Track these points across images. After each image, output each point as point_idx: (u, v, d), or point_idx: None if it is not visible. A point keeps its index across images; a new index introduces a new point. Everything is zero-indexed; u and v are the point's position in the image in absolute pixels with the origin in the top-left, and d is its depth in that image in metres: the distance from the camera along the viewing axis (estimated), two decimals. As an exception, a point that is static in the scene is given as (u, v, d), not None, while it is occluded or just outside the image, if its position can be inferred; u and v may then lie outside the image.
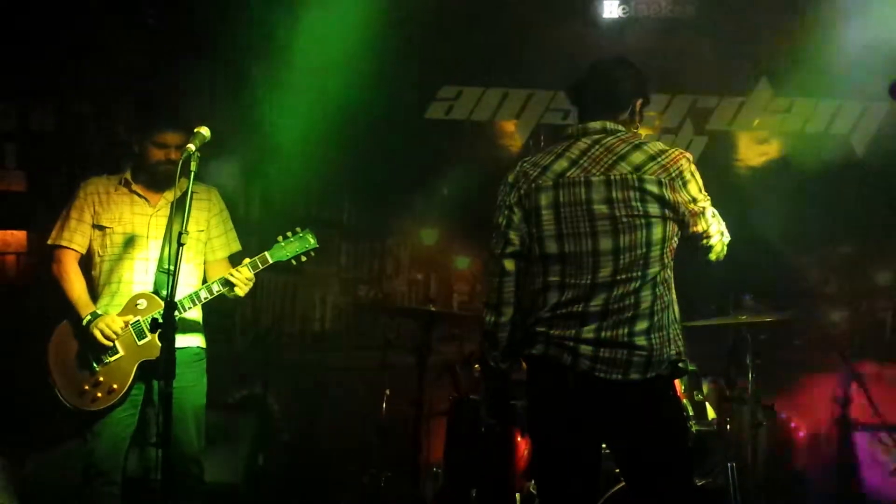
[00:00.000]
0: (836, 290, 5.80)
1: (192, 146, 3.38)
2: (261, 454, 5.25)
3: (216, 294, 3.84)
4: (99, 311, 3.80)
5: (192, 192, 3.34)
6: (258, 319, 6.01)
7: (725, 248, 3.09)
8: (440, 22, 5.67)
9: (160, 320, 3.33)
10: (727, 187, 5.28)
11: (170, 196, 3.95)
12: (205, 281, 3.99)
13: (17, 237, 5.77)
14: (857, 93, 5.67)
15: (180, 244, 3.23)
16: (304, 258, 3.93)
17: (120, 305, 3.84)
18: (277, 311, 6.04)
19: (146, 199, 3.96)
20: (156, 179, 3.94)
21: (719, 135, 5.89)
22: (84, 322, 3.77)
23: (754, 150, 5.87)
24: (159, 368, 3.21)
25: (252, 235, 5.77)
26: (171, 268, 3.31)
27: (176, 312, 3.36)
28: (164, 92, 5.53)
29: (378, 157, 5.73)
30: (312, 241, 3.93)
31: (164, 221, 3.93)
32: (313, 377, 5.68)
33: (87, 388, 3.76)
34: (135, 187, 3.96)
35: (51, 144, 5.78)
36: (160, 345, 3.61)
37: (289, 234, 3.92)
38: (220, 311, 4.31)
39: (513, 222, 3.06)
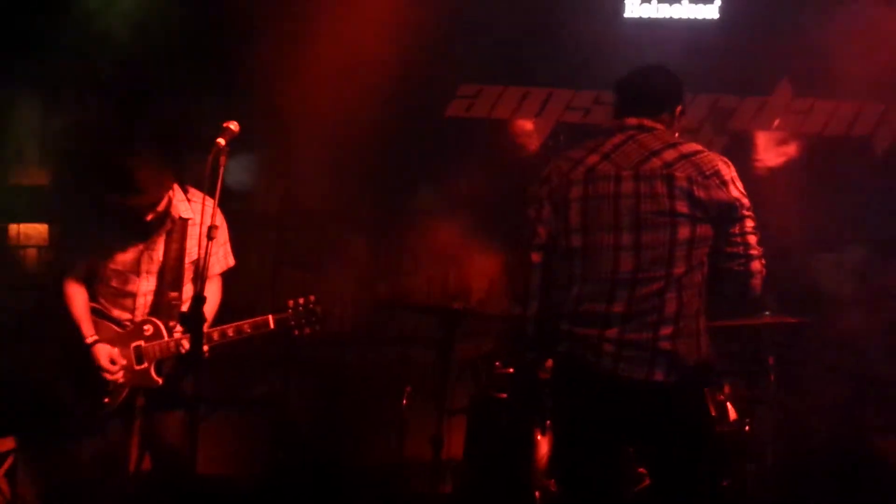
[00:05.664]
0: (855, 292, 5.77)
1: (221, 140, 3.35)
2: (281, 450, 5.27)
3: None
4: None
5: (219, 188, 3.35)
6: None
7: (764, 271, 3.03)
8: (460, 20, 5.68)
9: (188, 314, 3.36)
10: (747, 188, 5.25)
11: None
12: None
13: (38, 230, 5.79)
14: (878, 94, 5.65)
15: (210, 238, 3.22)
16: (307, 330, 3.92)
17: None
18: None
19: None
20: None
21: (739, 135, 5.88)
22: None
23: (774, 151, 5.85)
24: (188, 363, 3.24)
25: (270, 230, 5.80)
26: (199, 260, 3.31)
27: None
28: None
29: (398, 155, 5.73)
30: (320, 313, 3.93)
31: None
32: (333, 374, 5.69)
33: (83, 392, 3.88)
34: None
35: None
36: (156, 379, 3.81)
37: (300, 300, 3.91)
38: (236, 310, 4.27)
39: (542, 216, 3.07)
